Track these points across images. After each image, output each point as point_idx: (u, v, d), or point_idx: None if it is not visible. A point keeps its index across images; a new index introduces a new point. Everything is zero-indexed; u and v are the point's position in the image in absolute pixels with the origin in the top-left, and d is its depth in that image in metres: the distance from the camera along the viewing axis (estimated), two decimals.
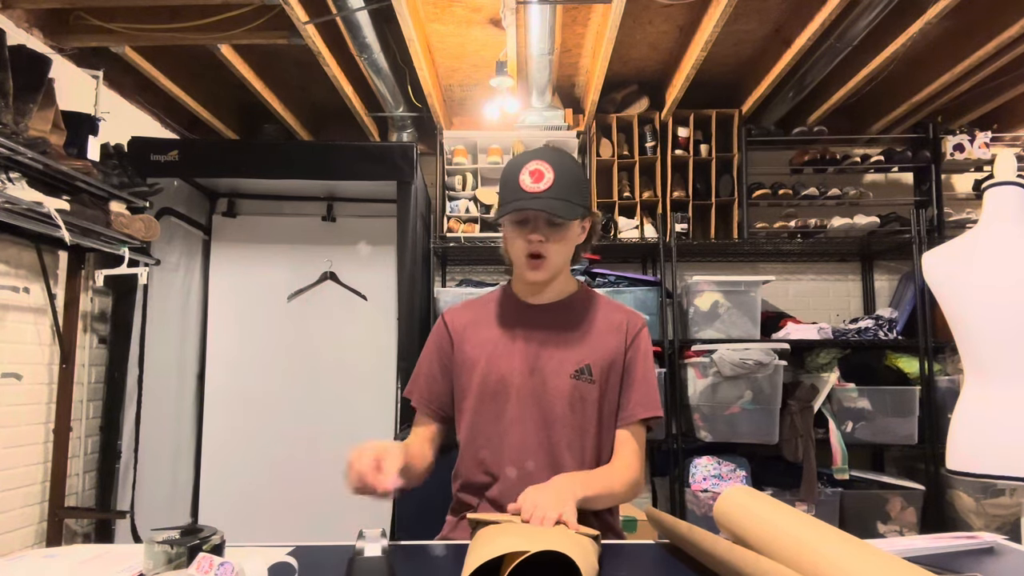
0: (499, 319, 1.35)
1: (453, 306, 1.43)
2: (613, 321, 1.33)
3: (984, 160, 3.29)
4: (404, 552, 1.06)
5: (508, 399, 1.27)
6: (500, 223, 1.30)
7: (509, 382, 1.27)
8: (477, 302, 1.42)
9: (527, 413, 1.26)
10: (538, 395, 1.26)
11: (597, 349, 1.29)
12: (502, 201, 1.27)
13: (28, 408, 2.29)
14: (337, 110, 3.27)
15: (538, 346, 1.29)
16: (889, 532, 2.93)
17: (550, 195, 1.20)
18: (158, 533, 0.87)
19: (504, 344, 1.31)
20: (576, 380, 1.26)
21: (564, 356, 1.28)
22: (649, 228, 3.34)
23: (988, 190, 1.97)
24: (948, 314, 2.01)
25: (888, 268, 3.59)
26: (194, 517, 3.22)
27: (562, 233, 1.25)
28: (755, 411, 2.94)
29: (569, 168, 1.24)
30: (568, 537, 0.89)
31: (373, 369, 3.31)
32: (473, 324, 1.36)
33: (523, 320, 1.33)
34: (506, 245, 1.33)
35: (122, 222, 2.38)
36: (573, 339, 1.30)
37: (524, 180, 1.21)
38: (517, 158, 1.26)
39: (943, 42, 2.80)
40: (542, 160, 1.22)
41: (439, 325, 1.40)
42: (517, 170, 1.23)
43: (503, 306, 1.37)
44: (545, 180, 1.20)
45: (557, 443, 1.25)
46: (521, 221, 1.25)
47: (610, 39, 2.51)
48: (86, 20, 2.44)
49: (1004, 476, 1.83)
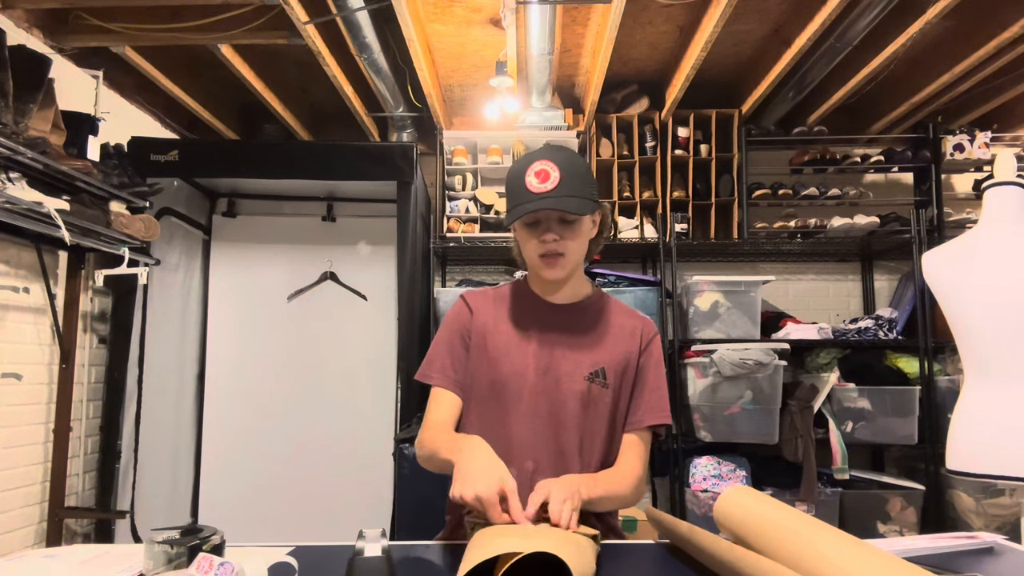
0: (516, 315, 1.34)
1: (471, 291, 1.42)
2: (628, 326, 1.33)
3: (984, 160, 3.29)
4: (404, 552, 1.06)
5: (520, 397, 1.27)
6: (512, 228, 1.30)
7: (522, 379, 1.27)
8: (493, 293, 1.40)
9: (538, 412, 1.26)
10: (550, 395, 1.26)
11: (612, 353, 1.29)
12: (511, 206, 1.26)
13: (28, 408, 2.29)
14: (337, 110, 3.27)
15: (553, 346, 1.29)
16: (889, 532, 2.93)
17: (559, 193, 1.20)
18: (158, 533, 0.87)
19: (519, 341, 1.30)
20: (590, 383, 1.27)
21: (579, 358, 1.28)
22: (649, 228, 3.34)
23: (988, 190, 1.97)
24: (948, 314, 2.01)
25: (888, 268, 3.59)
26: (194, 517, 3.22)
27: (575, 229, 1.25)
28: (755, 411, 2.94)
29: (574, 164, 1.24)
30: (564, 538, 0.89)
31: (373, 369, 3.31)
32: (491, 314, 1.35)
33: (539, 318, 1.32)
34: (520, 248, 1.33)
35: (122, 222, 2.38)
36: (588, 342, 1.30)
37: (531, 182, 1.21)
38: (520, 162, 1.26)
39: (943, 42, 2.80)
40: (546, 160, 1.22)
41: (460, 305, 1.38)
42: (522, 173, 1.23)
43: (520, 302, 1.36)
44: (552, 179, 1.20)
45: (565, 443, 1.25)
46: (533, 223, 1.25)
47: (610, 39, 2.51)
48: (86, 20, 2.44)
49: (1004, 476, 1.83)
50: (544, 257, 1.25)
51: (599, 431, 1.27)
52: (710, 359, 2.90)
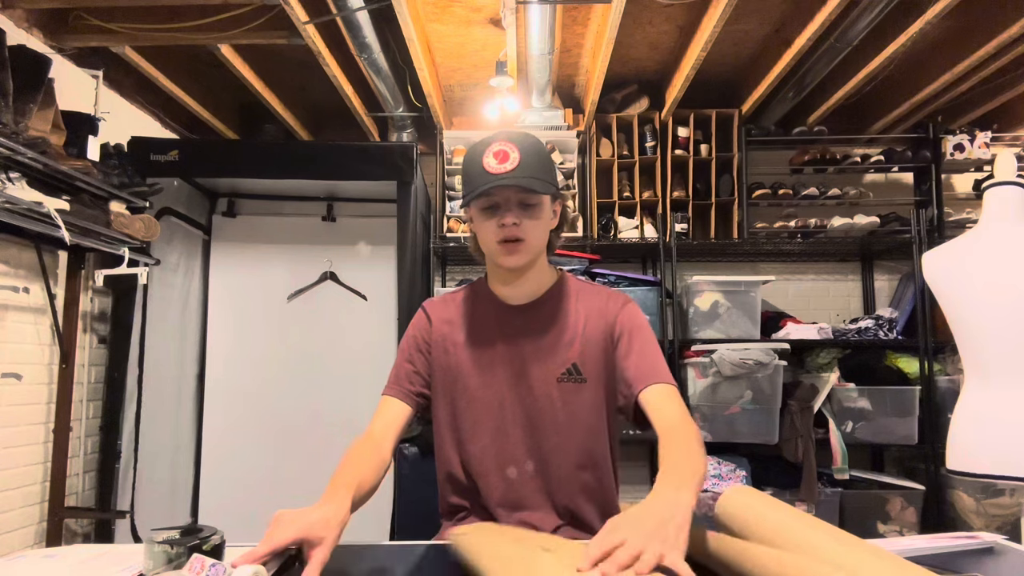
0: (479, 323, 1.28)
1: (431, 299, 1.36)
2: (595, 309, 1.26)
3: (984, 160, 3.30)
4: (404, 552, 1.06)
5: (494, 409, 1.23)
6: (467, 213, 1.22)
7: (494, 392, 1.23)
8: (453, 300, 1.33)
9: (516, 421, 1.22)
10: (524, 402, 1.22)
11: (581, 344, 1.23)
12: (467, 189, 1.18)
13: (28, 408, 2.29)
14: (337, 110, 3.27)
15: (521, 353, 1.24)
16: (889, 532, 2.93)
17: (519, 174, 1.13)
18: (158, 533, 0.87)
19: (485, 353, 1.25)
20: (564, 383, 1.22)
21: (548, 361, 1.23)
22: (649, 228, 3.34)
23: (988, 190, 1.97)
24: (948, 314, 2.01)
25: (888, 268, 3.59)
26: (194, 517, 3.21)
27: (536, 213, 1.18)
28: (755, 411, 2.94)
29: (534, 146, 1.18)
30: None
31: (373, 369, 3.28)
32: (452, 324, 1.29)
33: (503, 325, 1.26)
34: (476, 236, 1.24)
35: (122, 222, 2.38)
36: (556, 340, 1.24)
37: (489, 163, 1.14)
38: (477, 145, 1.19)
39: (943, 42, 2.80)
40: (505, 141, 1.16)
41: (419, 315, 1.33)
42: (480, 155, 1.16)
43: (480, 308, 1.29)
44: (511, 160, 1.13)
45: (548, 445, 1.22)
46: (490, 207, 1.17)
47: (610, 39, 2.51)
48: (86, 20, 2.44)
49: (1004, 476, 1.83)
50: (504, 243, 1.16)
51: (583, 421, 1.22)
52: (710, 359, 2.90)
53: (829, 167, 3.38)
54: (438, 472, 1.31)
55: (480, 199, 1.16)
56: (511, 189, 1.15)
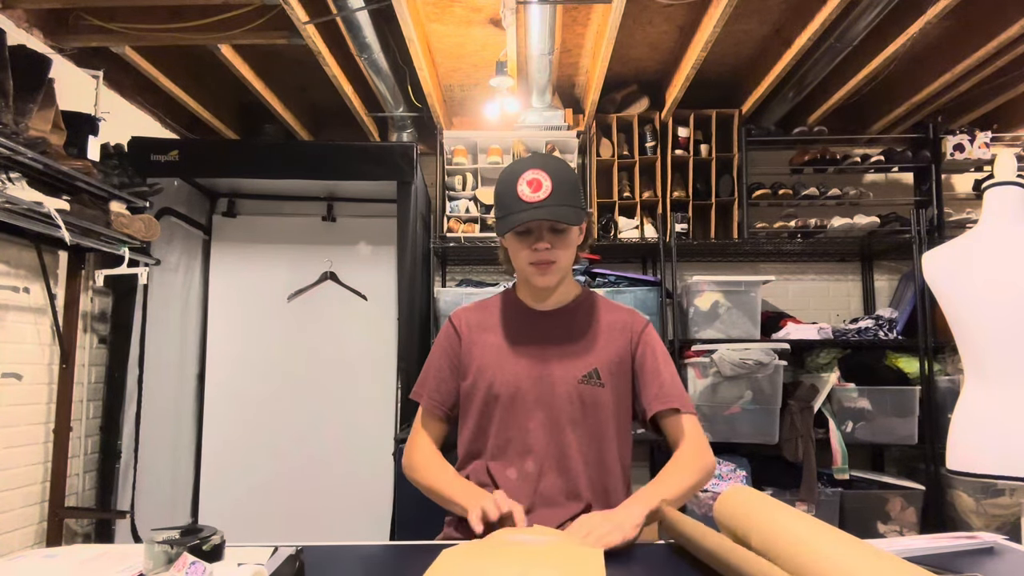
0: (506, 325, 1.36)
1: (460, 308, 1.44)
2: (617, 322, 1.35)
3: (984, 160, 3.29)
4: (404, 552, 1.06)
5: (516, 406, 1.28)
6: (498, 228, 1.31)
7: (517, 389, 1.28)
8: (482, 305, 1.42)
9: (536, 419, 1.27)
10: (546, 401, 1.28)
11: (604, 352, 1.31)
12: (502, 213, 1.27)
13: (28, 408, 2.29)
14: (337, 110, 3.27)
15: (545, 353, 1.31)
16: (889, 532, 2.93)
17: (552, 203, 1.21)
18: (158, 533, 0.87)
19: (511, 351, 1.32)
20: (584, 385, 1.28)
21: (571, 362, 1.29)
22: (649, 228, 3.34)
23: (988, 190, 1.97)
24: (948, 314, 2.01)
25: (888, 268, 3.59)
26: (194, 517, 3.22)
27: (566, 238, 1.27)
28: (755, 411, 2.94)
29: (564, 172, 1.26)
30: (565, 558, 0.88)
31: (373, 369, 3.31)
32: (480, 328, 1.37)
33: (529, 327, 1.34)
34: (509, 255, 1.34)
35: (122, 222, 2.38)
36: (579, 345, 1.32)
37: (523, 191, 1.22)
38: (510, 169, 1.27)
39: (943, 42, 2.80)
40: (537, 168, 1.23)
41: (447, 327, 1.41)
42: (514, 181, 1.23)
43: (509, 312, 1.38)
44: (544, 188, 1.21)
45: (566, 447, 1.26)
46: (524, 232, 1.26)
47: (610, 39, 2.51)
48: (86, 20, 2.44)
49: (1004, 476, 1.83)
50: (536, 265, 1.27)
51: (601, 430, 1.28)
52: (710, 359, 2.90)
53: (829, 167, 3.38)
54: (460, 460, 1.36)
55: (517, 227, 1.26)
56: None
